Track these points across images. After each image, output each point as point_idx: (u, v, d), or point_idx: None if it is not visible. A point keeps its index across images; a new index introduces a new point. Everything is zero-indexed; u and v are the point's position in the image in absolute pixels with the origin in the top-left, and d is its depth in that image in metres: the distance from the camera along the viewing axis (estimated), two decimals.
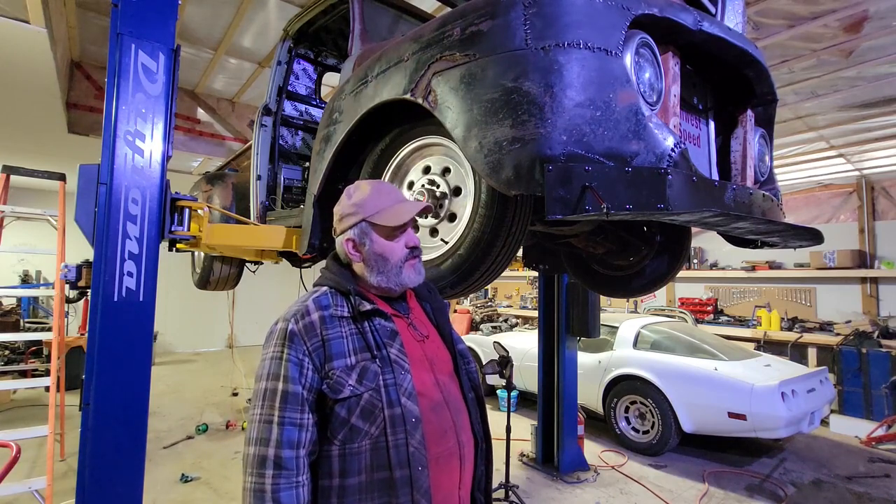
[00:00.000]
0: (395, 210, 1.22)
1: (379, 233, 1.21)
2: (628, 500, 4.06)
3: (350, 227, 1.22)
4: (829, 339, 6.41)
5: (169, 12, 2.02)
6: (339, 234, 1.25)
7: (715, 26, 1.57)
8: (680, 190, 1.18)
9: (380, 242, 1.21)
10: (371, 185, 1.26)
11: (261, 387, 1.07)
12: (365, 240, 1.21)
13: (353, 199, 1.23)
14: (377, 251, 1.21)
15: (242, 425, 5.63)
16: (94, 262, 1.85)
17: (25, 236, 8.31)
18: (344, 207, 1.24)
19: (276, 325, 1.13)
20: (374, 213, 1.21)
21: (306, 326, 1.10)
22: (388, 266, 1.20)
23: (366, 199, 1.22)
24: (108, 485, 1.78)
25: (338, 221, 1.26)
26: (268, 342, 1.12)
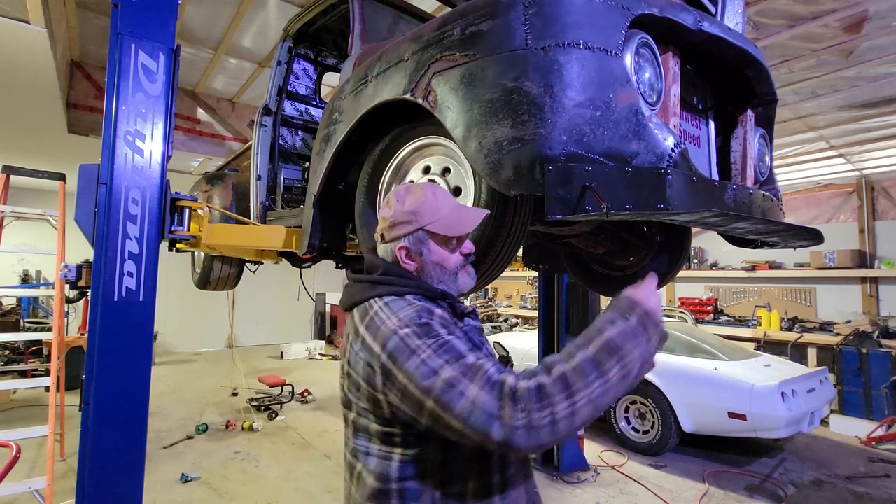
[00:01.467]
0: (455, 219, 1.16)
1: (436, 241, 1.16)
2: (628, 500, 4.06)
3: (405, 235, 1.15)
4: (829, 339, 6.41)
5: (169, 12, 2.02)
6: (390, 241, 1.17)
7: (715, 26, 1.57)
8: (680, 190, 1.18)
9: (437, 252, 1.16)
10: (425, 189, 1.18)
11: (436, 364, 0.94)
12: (422, 248, 1.16)
13: (408, 206, 1.15)
14: (435, 260, 1.16)
15: (243, 425, 5.63)
16: (94, 262, 1.85)
17: (25, 236, 8.31)
18: (396, 213, 1.16)
19: (401, 329, 1.00)
20: (432, 221, 1.14)
21: (443, 319, 1.05)
22: (446, 274, 1.17)
23: (422, 205, 1.15)
24: (108, 485, 1.79)
25: (388, 227, 1.17)
26: (409, 346, 0.97)
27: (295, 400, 6.84)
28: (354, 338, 1.10)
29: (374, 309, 1.09)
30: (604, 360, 0.91)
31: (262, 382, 6.91)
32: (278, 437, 5.46)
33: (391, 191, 1.23)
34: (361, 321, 1.09)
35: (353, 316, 1.14)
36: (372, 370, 1.02)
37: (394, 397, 0.99)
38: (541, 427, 0.87)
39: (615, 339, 0.93)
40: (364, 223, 1.91)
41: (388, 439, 1.05)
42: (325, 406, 6.71)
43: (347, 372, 1.12)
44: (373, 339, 1.03)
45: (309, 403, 6.85)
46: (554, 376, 0.90)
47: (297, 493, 4.08)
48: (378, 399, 1.03)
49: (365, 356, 1.04)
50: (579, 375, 0.89)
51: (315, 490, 4.15)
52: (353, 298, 1.16)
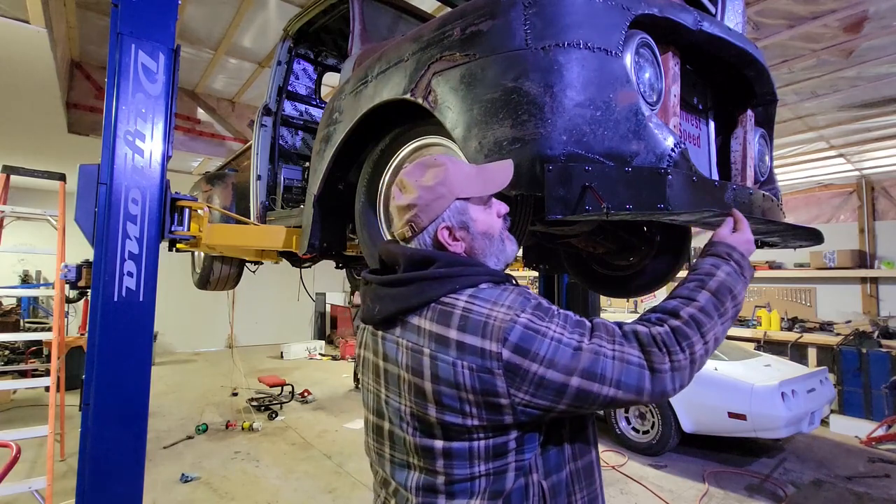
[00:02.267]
0: (485, 176, 1.06)
1: (476, 207, 1.04)
2: (628, 500, 4.06)
3: (441, 212, 1.01)
4: (829, 339, 6.41)
5: (169, 12, 2.02)
6: (428, 226, 1.02)
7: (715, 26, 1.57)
8: (680, 190, 1.18)
9: (481, 219, 1.04)
10: (438, 159, 1.07)
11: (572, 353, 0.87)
12: (466, 221, 1.03)
13: (432, 181, 1.02)
14: (482, 230, 1.04)
15: (243, 425, 5.63)
16: (94, 262, 1.85)
17: (25, 236, 8.32)
18: (422, 194, 1.02)
19: (520, 317, 0.88)
20: (464, 185, 1.02)
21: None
22: (494, 243, 1.06)
23: (446, 175, 1.02)
24: (108, 485, 1.79)
25: (418, 213, 1.02)
26: (538, 331, 0.88)
27: (295, 400, 6.84)
28: (432, 346, 0.92)
29: (460, 306, 0.92)
30: (722, 300, 0.97)
31: (262, 382, 6.91)
32: (278, 437, 5.46)
33: (397, 179, 1.10)
34: (443, 324, 0.92)
35: (413, 322, 0.96)
36: (488, 374, 0.87)
37: (524, 395, 0.87)
38: (684, 368, 0.90)
39: (726, 280, 1.00)
40: (364, 223, 1.91)
41: (501, 450, 0.91)
42: (325, 406, 6.71)
43: (416, 392, 0.93)
44: (481, 338, 0.88)
45: (309, 403, 6.85)
46: (684, 318, 0.93)
47: (297, 493, 4.08)
48: (499, 405, 0.88)
49: (469, 363, 0.88)
50: (706, 315, 0.94)
51: (315, 490, 4.15)
52: (407, 302, 0.96)
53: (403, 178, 1.07)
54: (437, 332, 0.92)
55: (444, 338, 0.91)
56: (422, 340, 0.94)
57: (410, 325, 0.97)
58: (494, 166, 1.09)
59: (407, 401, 0.95)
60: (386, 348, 1.01)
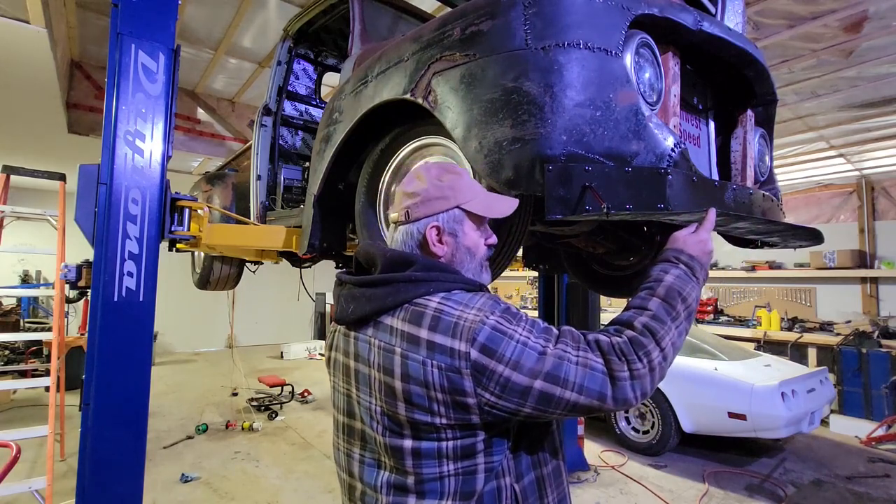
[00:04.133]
0: (492, 200, 1.09)
1: (470, 223, 1.07)
2: (628, 500, 4.06)
3: (439, 212, 1.04)
4: (829, 339, 6.41)
5: (169, 12, 2.02)
6: (419, 220, 1.05)
7: (715, 26, 1.57)
8: (680, 190, 1.18)
9: (471, 235, 1.07)
10: (456, 166, 1.11)
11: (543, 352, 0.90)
12: (456, 229, 1.05)
13: (444, 180, 1.05)
14: (467, 245, 1.06)
15: (243, 425, 5.63)
16: (94, 262, 1.85)
17: (25, 236, 8.32)
18: (431, 188, 1.05)
19: (489, 318, 0.91)
20: (470, 199, 1.05)
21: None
22: (474, 263, 1.08)
23: (459, 181, 1.06)
24: (108, 485, 1.79)
25: (418, 203, 1.04)
26: (505, 332, 0.90)
27: (295, 400, 6.84)
28: (403, 345, 0.93)
29: (432, 307, 0.94)
30: (673, 304, 0.99)
31: (262, 382, 6.91)
32: (278, 437, 5.46)
33: (415, 167, 1.13)
34: (414, 323, 0.93)
35: (386, 322, 0.97)
36: (455, 374, 0.88)
37: (490, 396, 0.88)
38: (643, 376, 0.91)
39: (674, 283, 1.02)
40: (364, 223, 1.91)
41: (469, 451, 0.93)
42: (325, 406, 6.71)
43: (386, 390, 0.94)
44: (451, 338, 0.89)
45: (309, 403, 6.85)
46: (638, 327, 0.95)
47: (297, 493, 4.08)
48: (466, 404, 0.89)
49: (438, 362, 0.89)
50: (659, 322, 0.96)
51: (315, 490, 4.15)
52: (382, 302, 0.97)
53: (420, 169, 1.11)
54: (409, 331, 0.93)
55: (416, 337, 0.92)
56: (394, 340, 0.95)
57: (383, 325, 0.97)
58: (503, 197, 1.13)
59: (378, 400, 0.96)
60: (358, 348, 1.02)
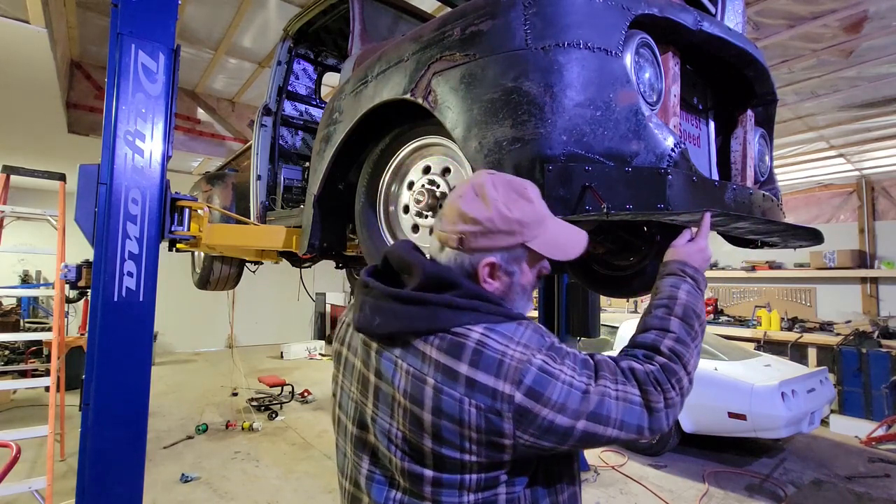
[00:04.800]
0: (561, 236, 0.98)
1: (530, 260, 0.97)
2: (628, 500, 4.06)
3: (501, 248, 0.94)
4: (829, 339, 6.41)
5: (169, 12, 2.02)
6: (477, 252, 0.93)
7: (715, 26, 1.57)
8: (680, 190, 1.18)
9: (527, 273, 0.97)
10: (528, 190, 0.97)
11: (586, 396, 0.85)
12: (514, 268, 0.95)
13: (515, 212, 0.93)
14: (523, 283, 0.97)
15: (243, 425, 5.63)
16: (94, 262, 1.85)
17: (25, 236, 8.32)
18: (497, 219, 0.92)
19: (535, 358, 0.84)
20: (538, 234, 0.95)
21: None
22: (523, 298, 0.99)
23: (531, 213, 0.94)
24: (108, 485, 1.79)
25: (478, 234, 0.93)
26: (551, 374, 0.84)
27: (295, 400, 6.84)
28: (438, 377, 0.85)
29: (473, 338, 0.85)
30: (691, 323, 0.98)
31: (262, 382, 6.91)
32: (278, 437, 5.46)
33: (480, 179, 0.97)
34: (453, 356, 0.85)
35: (418, 347, 0.88)
36: (496, 416, 0.82)
37: (529, 437, 0.83)
38: (676, 404, 0.90)
39: (689, 302, 1.01)
40: (364, 223, 1.91)
41: (492, 482, 0.88)
42: (325, 406, 6.71)
43: (412, 419, 0.87)
44: (494, 377, 0.82)
45: (309, 403, 6.85)
46: (666, 353, 0.94)
47: (297, 493, 4.08)
48: (502, 445, 0.84)
49: (477, 401, 0.82)
50: (684, 345, 0.95)
51: (315, 490, 4.15)
52: (415, 324, 0.88)
53: (486, 187, 0.95)
54: (445, 363, 0.85)
55: (453, 371, 0.84)
56: (426, 368, 0.86)
57: (414, 350, 0.89)
58: (572, 230, 1.02)
59: (400, 425, 0.89)
60: (381, 366, 0.93)
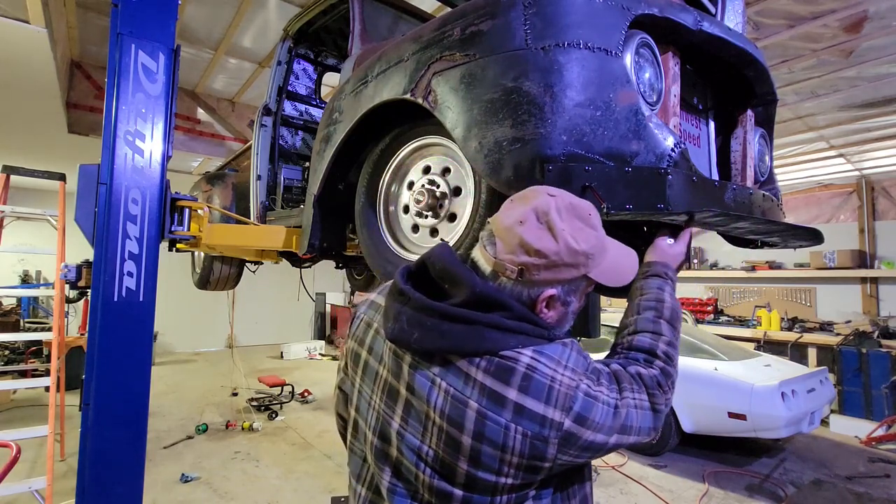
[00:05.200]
0: (619, 261, 0.98)
1: (586, 288, 0.96)
2: (628, 500, 4.06)
3: (567, 281, 0.91)
4: (829, 339, 6.42)
5: (169, 12, 2.02)
6: (538, 285, 0.89)
7: (715, 26, 1.57)
8: (680, 190, 1.18)
9: (579, 302, 0.96)
10: (593, 217, 0.94)
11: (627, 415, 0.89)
12: (572, 298, 0.94)
13: (580, 242, 0.89)
14: (574, 310, 0.96)
15: (243, 425, 5.63)
16: (94, 262, 1.85)
17: (25, 236, 8.31)
18: (565, 254, 0.88)
19: (582, 383, 0.84)
20: (602, 268, 0.93)
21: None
22: (569, 323, 0.99)
23: (596, 243, 0.92)
24: (108, 485, 1.79)
25: (544, 268, 0.88)
26: (595, 398, 0.85)
27: (295, 400, 6.84)
28: (483, 401, 0.81)
29: (523, 363, 0.82)
30: (676, 325, 1.06)
31: (262, 382, 6.91)
32: (278, 437, 5.46)
33: (542, 204, 0.91)
34: (500, 380, 0.82)
35: (461, 368, 0.84)
36: (541, 442, 0.81)
37: (567, 458, 0.84)
38: (669, 403, 0.97)
39: (674, 305, 1.09)
40: (364, 223, 1.91)
41: (521, 499, 0.87)
42: (324, 406, 6.71)
43: (449, 441, 0.83)
44: (545, 405, 0.81)
45: (309, 403, 6.85)
46: (662, 356, 1.00)
47: (297, 493, 4.08)
48: (541, 468, 0.83)
49: (524, 428, 0.80)
50: (674, 348, 1.03)
51: (315, 490, 4.15)
52: (461, 344, 0.83)
53: (552, 215, 0.89)
54: (492, 387, 0.82)
55: (501, 397, 0.81)
56: (469, 391, 0.82)
57: (456, 369, 0.84)
58: (626, 253, 1.02)
59: (433, 444, 0.85)
60: (415, 381, 0.87)
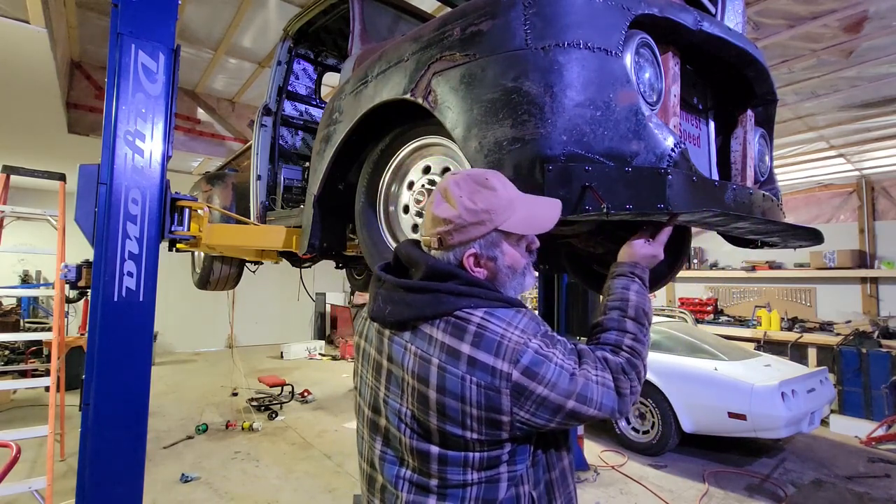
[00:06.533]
0: (531, 213, 1.04)
1: (509, 241, 1.03)
2: (628, 500, 4.06)
3: (476, 238, 1.00)
4: (829, 339, 6.41)
5: (169, 12, 2.02)
6: (457, 247, 1.01)
7: (715, 26, 1.57)
8: (680, 190, 1.18)
9: (510, 253, 1.03)
10: (492, 179, 1.03)
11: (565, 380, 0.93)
12: (495, 253, 1.02)
13: (480, 203, 0.99)
14: (508, 263, 1.03)
15: (243, 425, 5.63)
16: (94, 262, 1.85)
17: (25, 236, 8.31)
18: (465, 213, 0.99)
19: (532, 341, 0.93)
20: (508, 216, 1.01)
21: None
22: (515, 276, 1.05)
23: (496, 201, 1.00)
24: (108, 485, 1.79)
25: (453, 231, 1.00)
26: (545, 356, 0.93)
27: (295, 400, 6.84)
28: (442, 357, 0.93)
29: (475, 321, 0.94)
30: (642, 322, 1.11)
31: (262, 382, 6.91)
32: (278, 437, 5.46)
33: (444, 182, 1.05)
34: (456, 337, 0.93)
35: (425, 331, 0.97)
36: (494, 392, 0.90)
37: (525, 413, 0.91)
38: (637, 391, 1.03)
39: (639, 302, 1.14)
40: (364, 223, 1.91)
41: (494, 461, 0.96)
42: (324, 406, 6.71)
43: (420, 398, 0.95)
44: (494, 356, 0.90)
45: (309, 403, 6.85)
46: (626, 350, 1.06)
47: (297, 493, 4.08)
48: (500, 422, 0.92)
49: (478, 379, 0.90)
50: (639, 343, 1.08)
51: (315, 490, 4.15)
52: (422, 311, 0.97)
53: (450, 188, 1.03)
54: (450, 344, 0.94)
55: (456, 351, 0.93)
56: (432, 350, 0.95)
57: (421, 333, 0.97)
58: (544, 204, 1.09)
59: (409, 404, 0.98)
60: (392, 350, 1.02)
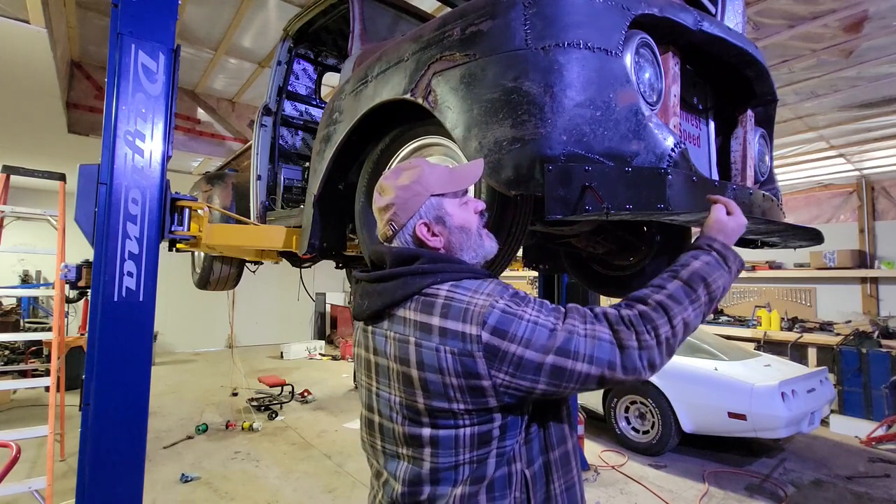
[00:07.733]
0: (457, 174, 1.12)
1: (451, 204, 1.10)
2: (628, 500, 4.06)
3: (419, 207, 1.08)
4: (829, 339, 6.41)
5: (169, 12, 2.02)
6: (406, 223, 1.08)
7: (715, 26, 1.57)
8: (680, 190, 1.18)
9: (457, 214, 1.10)
10: (413, 162, 1.14)
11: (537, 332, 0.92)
12: (442, 215, 1.09)
13: (407, 181, 1.09)
14: (458, 224, 1.10)
15: (243, 425, 5.63)
16: (94, 262, 1.85)
17: (25, 236, 8.32)
18: (399, 193, 1.08)
19: (498, 303, 0.94)
20: (438, 183, 1.09)
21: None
22: (472, 237, 1.11)
23: (420, 174, 1.09)
24: (108, 485, 1.79)
25: (395, 213, 1.09)
26: (514, 314, 0.93)
27: (295, 400, 6.84)
28: (417, 334, 0.97)
29: (442, 295, 0.98)
30: (694, 287, 1.00)
31: (262, 382, 6.91)
32: (278, 437, 5.46)
33: (377, 184, 1.16)
34: (426, 312, 0.97)
35: (399, 314, 1.01)
36: (469, 358, 0.92)
37: (505, 376, 0.91)
38: (651, 347, 0.93)
39: (700, 269, 1.03)
40: (364, 223, 1.91)
41: (485, 437, 0.96)
42: (324, 406, 6.71)
43: (404, 380, 0.98)
44: (462, 322, 0.93)
45: (309, 403, 6.85)
46: (651, 304, 0.97)
47: (297, 493, 4.08)
48: (482, 388, 0.92)
49: (451, 347, 0.93)
50: (675, 301, 0.98)
51: (315, 490, 4.15)
52: (392, 296, 1.01)
53: (382, 182, 1.13)
54: (421, 320, 0.97)
55: (428, 325, 0.96)
56: (407, 330, 0.99)
57: (397, 318, 1.01)
58: (466, 165, 1.17)
59: (396, 391, 1.00)
60: (376, 342, 1.06)
